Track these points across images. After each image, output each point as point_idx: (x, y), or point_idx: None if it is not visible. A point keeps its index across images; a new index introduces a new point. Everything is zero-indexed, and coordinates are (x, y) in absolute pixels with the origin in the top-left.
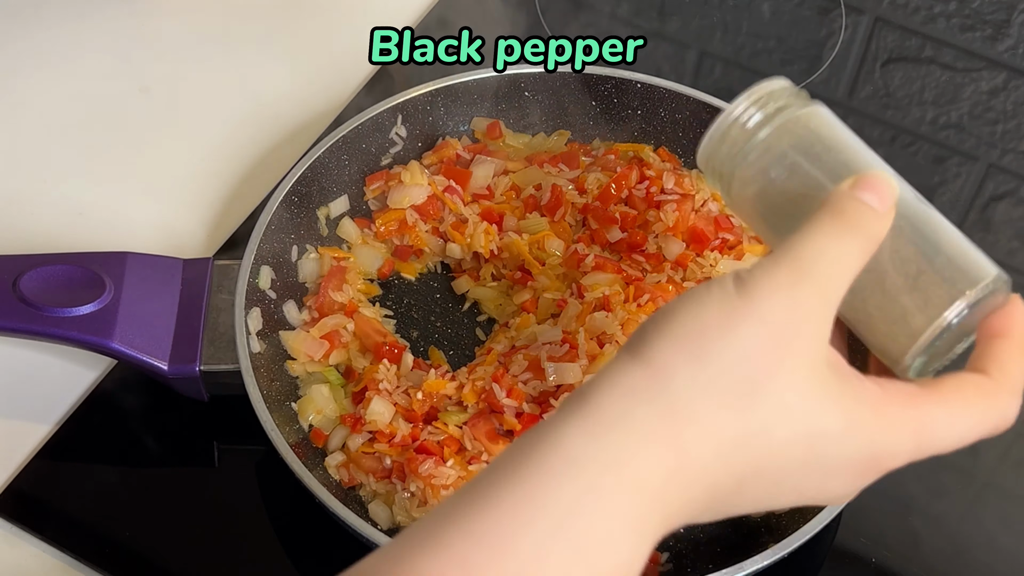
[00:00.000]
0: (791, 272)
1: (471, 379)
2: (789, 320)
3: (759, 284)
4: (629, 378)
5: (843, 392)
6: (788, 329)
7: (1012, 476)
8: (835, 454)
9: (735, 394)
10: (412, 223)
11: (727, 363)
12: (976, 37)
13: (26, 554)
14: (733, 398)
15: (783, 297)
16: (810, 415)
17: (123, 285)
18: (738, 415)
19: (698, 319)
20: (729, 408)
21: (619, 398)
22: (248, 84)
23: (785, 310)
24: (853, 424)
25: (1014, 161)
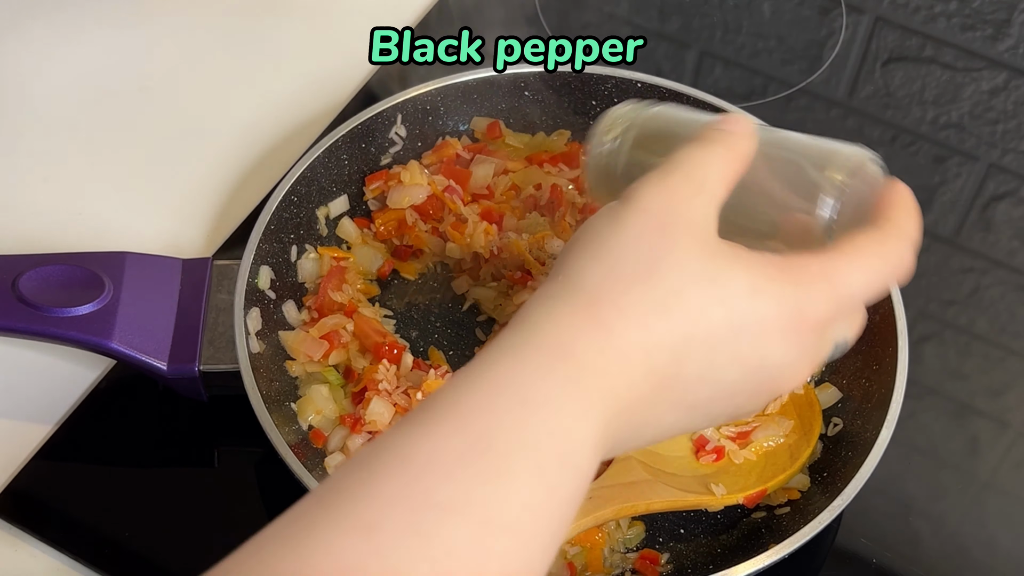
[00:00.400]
0: (662, 171)
1: None
2: (667, 206)
3: (636, 188)
4: (546, 290)
5: (739, 256)
6: (669, 214)
7: (1012, 477)
8: (753, 312)
9: (637, 275)
10: (412, 223)
11: (622, 252)
12: (977, 37)
13: (26, 555)
14: (637, 279)
15: (656, 189)
16: (714, 277)
17: (122, 285)
18: (646, 289)
19: (592, 229)
20: (636, 285)
21: (539, 307)
22: (248, 84)
23: (661, 198)
24: (759, 279)
25: (1015, 161)
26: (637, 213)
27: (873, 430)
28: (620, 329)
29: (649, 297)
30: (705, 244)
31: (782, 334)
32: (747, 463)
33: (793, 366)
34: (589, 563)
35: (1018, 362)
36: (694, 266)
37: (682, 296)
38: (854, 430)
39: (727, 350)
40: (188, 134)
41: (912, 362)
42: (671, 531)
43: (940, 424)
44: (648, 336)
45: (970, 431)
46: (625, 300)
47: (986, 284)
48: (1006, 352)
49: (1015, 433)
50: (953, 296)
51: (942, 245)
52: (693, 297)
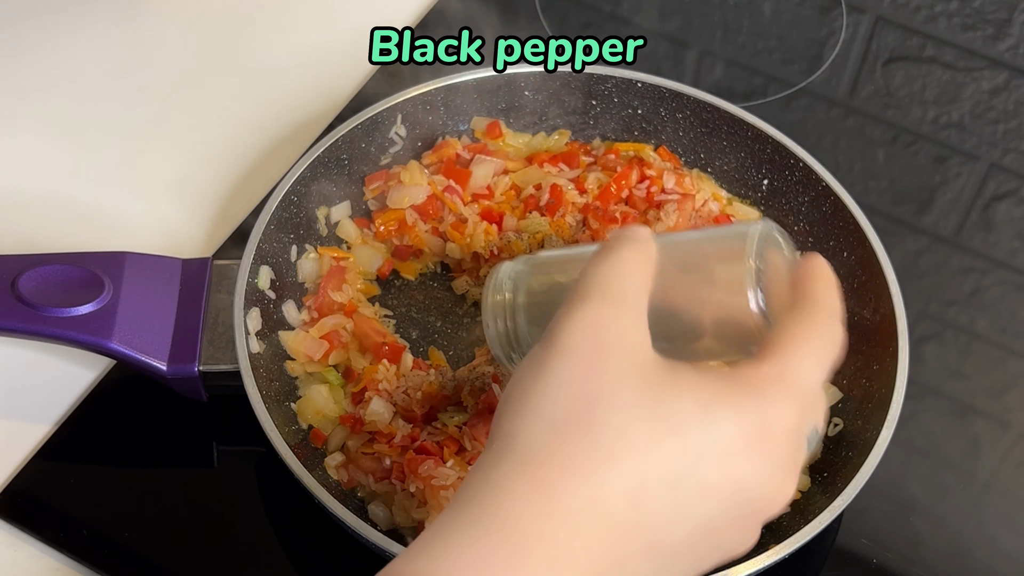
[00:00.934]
0: (575, 297)
1: (470, 379)
2: (592, 339)
3: (554, 326)
4: (483, 460)
5: (681, 378)
6: (596, 348)
7: (1013, 477)
8: (710, 436)
9: (572, 424)
10: (412, 223)
11: (552, 400)
12: (977, 36)
13: (26, 555)
14: (572, 428)
15: (575, 322)
16: (656, 408)
17: (122, 285)
18: (584, 438)
19: (518, 384)
20: (572, 436)
21: (476, 480)
22: (247, 83)
23: (583, 332)
24: (709, 399)
25: (1015, 161)
26: (560, 355)
27: (873, 430)
28: (564, 489)
29: (589, 445)
30: (641, 372)
31: (750, 452)
32: None
33: (774, 483)
34: None
35: (1019, 362)
36: (632, 399)
37: (626, 435)
38: (854, 430)
39: (692, 483)
40: (188, 134)
41: (913, 362)
42: None
43: (941, 424)
44: (596, 488)
45: (970, 431)
46: (564, 456)
47: (987, 284)
48: (1007, 352)
49: (1015, 433)
50: (954, 296)
51: (943, 245)
52: (638, 434)
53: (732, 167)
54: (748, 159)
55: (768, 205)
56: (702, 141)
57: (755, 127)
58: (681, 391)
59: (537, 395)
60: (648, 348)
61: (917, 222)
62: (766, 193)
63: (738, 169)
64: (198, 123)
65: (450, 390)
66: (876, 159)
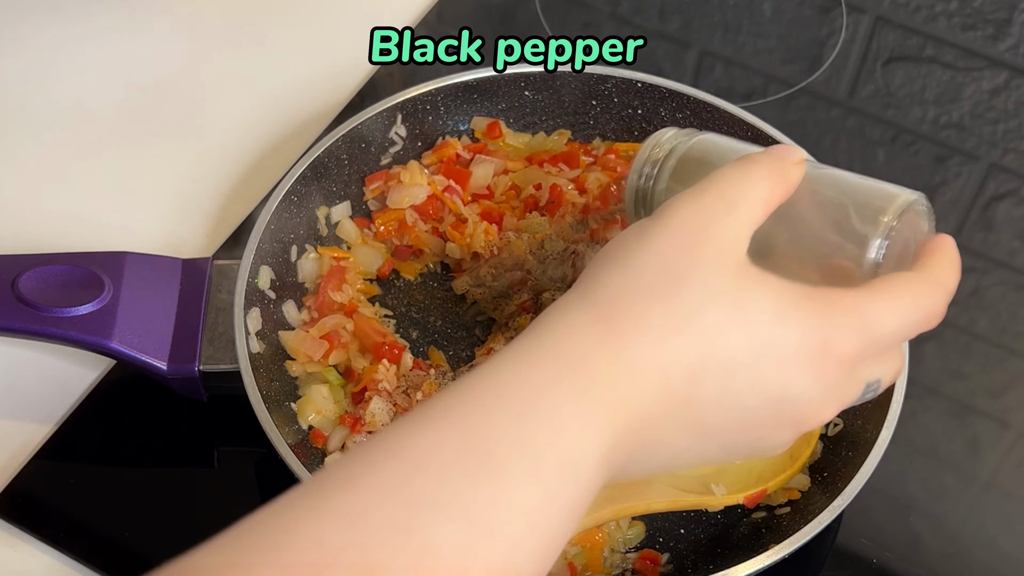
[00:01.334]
0: (696, 189)
1: None
2: (697, 224)
3: (667, 205)
4: (566, 299)
5: (767, 280)
6: (697, 233)
7: (1014, 477)
8: (776, 338)
9: (657, 291)
10: (412, 223)
11: (645, 267)
12: (977, 36)
13: (26, 554)
14: (657, 295)
15: (687, 207)
16: (738, 299)
17: (122, 285)
18: (666, 307)
19: (619, 243)
20: (655, 302)
21: (556, 315)
22: (247, 83)
23: (691, 216)
24: (785, 306)
25: (1015, 161)
26: (665, 229)
27: (873, 430)
28: (635, 345)
29: (668, 315)
30: (732, 265)
31: (806, 365)
32: (747, 463)
33: (818, 400)
34: (589, 563)
35: (1019, 362)
36: (718, 286)
37: (702, 316)
38: (854, 430)
39: (747, 376)
40: (188, 134)
41: (913, 362)
42: (671, 531)
43: (941, 424)
44: (663, 355)
45: (971, 431)
46: (642, 316)
47: (987, 284)
48: (1007, 352)
49: (1016, 433)
50: (954, 296)
51: None
52: (713, 318)
53: None
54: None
55: None
56: None
57: (755, 127)
58: (761, 292)
59: (631, 257)
60: (743, 252)
61: None
62: None
63: None
64: (198, 123)
65: None
66: (876, 159)
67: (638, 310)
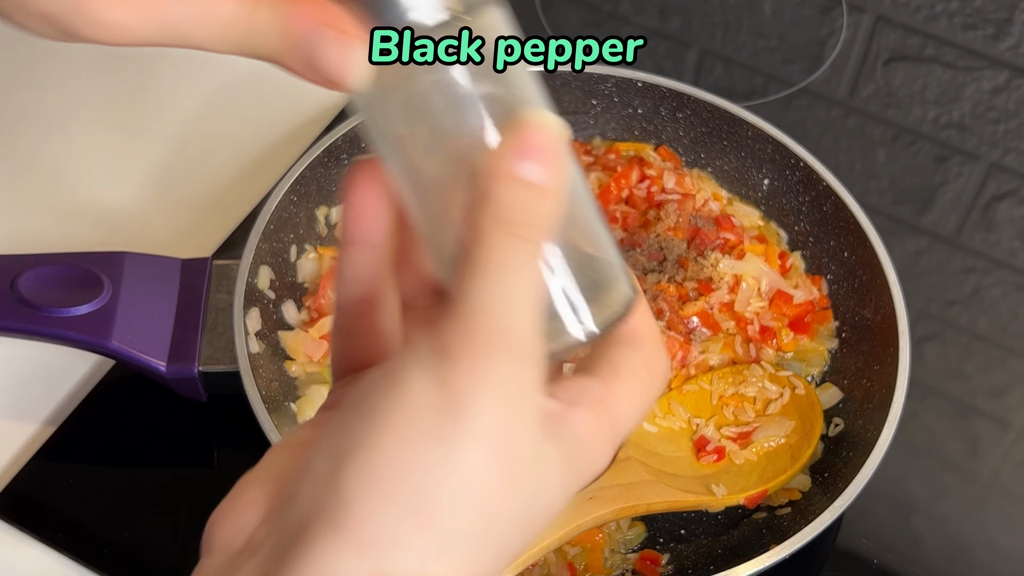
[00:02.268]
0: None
1: None
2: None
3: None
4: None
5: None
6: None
7: (1014, 477)
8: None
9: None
10: None
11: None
12: (978, 36)
13: (26, 554)
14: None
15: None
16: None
17: (121, 285)
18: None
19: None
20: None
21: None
22: (247, 83)
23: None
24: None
25: (1016, 160)
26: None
27: (874, 430)
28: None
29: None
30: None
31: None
32: (748, 464)
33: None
34: (589, 564)
35: (1020, 362)
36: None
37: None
38: (855, 430)
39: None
40: (187, 133)
41: (913, 362)
42: (672, 532)
43: (941, 424)
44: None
45: (971, 431)
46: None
47: (987, 284)
48: (1008, 352)
49: (1017, 433)
50: (954, 296)
51: (943, 245)
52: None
53: (732, 167)
54: (748, 159)
55: (768, 205)
56: (702, 141)
57: (755, 127)
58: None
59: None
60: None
61: (918, 222)
62: (766, 193)
63: (738, 169)
64: (198, 122)
65: None
66: (877, 159)
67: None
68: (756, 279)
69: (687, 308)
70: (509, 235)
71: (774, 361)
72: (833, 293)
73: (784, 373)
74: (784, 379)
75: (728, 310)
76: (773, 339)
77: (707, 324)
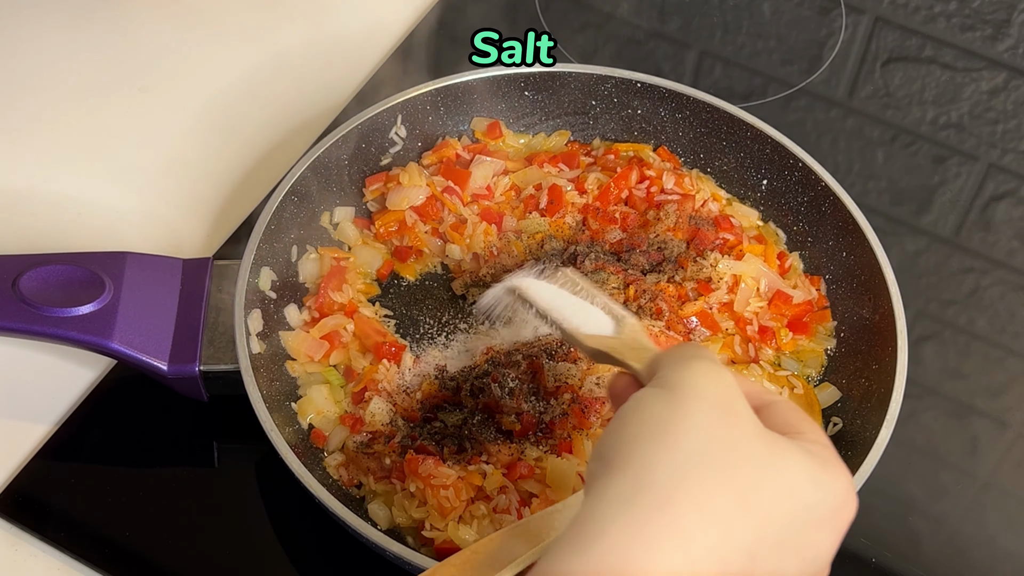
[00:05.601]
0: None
1: (470, 379)
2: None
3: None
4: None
5: (791, 441)
6: (728, 399)
7: (1012, 476)
8: (813, 503)
9: (711, 467)
10: (411, 224)
11: (692, 442)
12: (976, 37)
13: (26, 554)
14: (711, 471)
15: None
16: (776, 463)
17: (122, 285)
18: (723, 483)
19: (648, 416)
20: (711, 479)
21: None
22: (247, 84)
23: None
24: (814, 466)
25: (1014, 161)
26: (698, 400)
27: (873, 430)
28: (699, 533)
29: (728, 491)
30: (760, 429)
31: (833, 525)
32: None
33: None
34: None
35: (1018, 362)
36: (762, 452)
37: (760, 489)
38: (854, 430)
39: (793, 543)
40: (188, 134)
41: (912, 362)
42: None
43: (940, 424)
44: (726, 540)
45: (970, 431)
46: (704, 497)
47: (986, 284)
48: (1006, 352)
49: (1015, 433)
50: (953, 296)
51: (942, 245)
52: (767, 489)
53: (731, 167)
54: (747, 159)
55: (767, 205)
56: (702, 141)
57: (754, 127)
58: (792, 452)
59: (677, 431)
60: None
61: (916, 222)
62: (765, 193)
63: (737, 169)
64: (198, 123)
65: (450, 390)
66: (875, 159)
67: (698, 491)
68: (755, 279)
69: (686, 308)
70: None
71: (773, 361)
72: (832, 293)
73: (783, 372)
74: (783, 378)
75: (727, 310)
76: (772, 339)
77: (706, 324)
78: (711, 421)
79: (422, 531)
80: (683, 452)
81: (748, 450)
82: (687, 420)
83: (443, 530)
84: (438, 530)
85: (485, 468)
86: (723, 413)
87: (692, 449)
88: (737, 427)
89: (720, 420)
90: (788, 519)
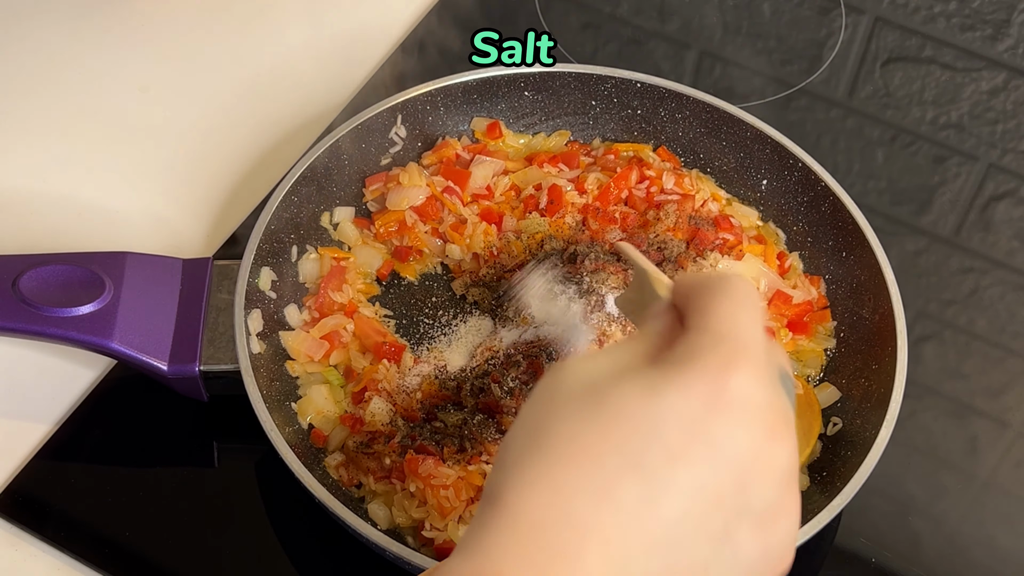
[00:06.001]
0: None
1: (470, 379)
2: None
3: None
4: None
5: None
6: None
7: (1012, 476)
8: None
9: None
10: (411, 224)
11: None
12: (976, 37)
13: (26, 554)
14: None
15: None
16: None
17: (123, 285)
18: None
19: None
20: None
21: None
22: (248, 84)
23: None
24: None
25: (1014, 161)
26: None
27: (872, 430)
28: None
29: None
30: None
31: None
32: None
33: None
34: None
35: (1017, 362)
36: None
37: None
38: (853, 430)
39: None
40: (188, 134)
41: (911, 362)
42: None
43: (939, 424)
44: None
45: (969, 431)
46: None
47: (985, 284)
48: (1006, 352)
49: (1014, 433)
50: (952, 296)
51: (942, 245)
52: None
53: (731, 167)
54: (747, 159)
55: (767, 205)
56: (701, 141)
57: (754, 127)
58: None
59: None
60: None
61: (916, 222)
62: (765, 193)
63: (737, 169)
64: (198, 123)
65: (450, 390)
66: (875, 159)
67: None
68: (755, 279)
69: None
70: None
71: None
72: (831, 293)
73: None
74: None
75: None
76: (771, 339)
77: None
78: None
79: (422, 531)
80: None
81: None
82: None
83: (443, 530)
84: (438, 530)
85: (485, 468)
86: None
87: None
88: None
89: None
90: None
